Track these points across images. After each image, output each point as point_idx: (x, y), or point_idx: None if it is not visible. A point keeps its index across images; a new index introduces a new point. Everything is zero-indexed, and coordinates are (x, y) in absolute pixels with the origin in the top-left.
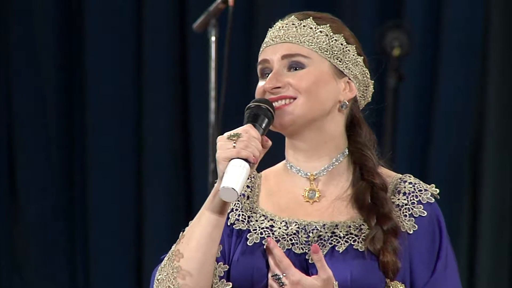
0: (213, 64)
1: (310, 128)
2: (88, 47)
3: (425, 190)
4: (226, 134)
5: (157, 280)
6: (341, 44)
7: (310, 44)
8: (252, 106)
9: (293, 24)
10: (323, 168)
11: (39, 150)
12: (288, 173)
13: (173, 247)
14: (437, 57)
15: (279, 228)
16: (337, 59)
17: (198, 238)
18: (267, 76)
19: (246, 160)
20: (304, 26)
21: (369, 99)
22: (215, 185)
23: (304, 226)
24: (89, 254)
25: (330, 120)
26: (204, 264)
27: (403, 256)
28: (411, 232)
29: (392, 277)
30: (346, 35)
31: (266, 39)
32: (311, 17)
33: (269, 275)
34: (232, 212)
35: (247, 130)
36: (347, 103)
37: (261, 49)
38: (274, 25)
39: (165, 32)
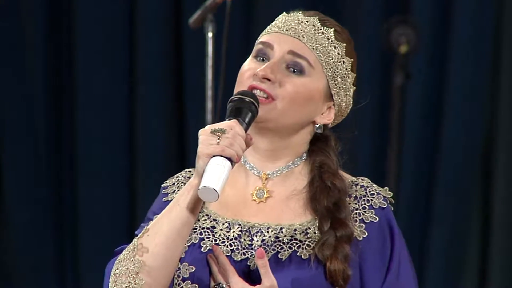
0: (210, 61)
1: (275, 133)
2: (78, 44)
3: (378, 193)
4: (209, 127)
5: (114, 274)
6: (346, 69)
7: (321, 55)
8: (235, 99)
9: (313, 25)
10: (277, 169)
11: (27, 152)
12: (241, 168)
13: (135, 240)
14: (446, 54)
15: (221, 229)
16: (335, 81)
17: (167, 233)
18: (261, 59)
19: (229, 159)
20: (322, 34)
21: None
22: (191, 179)
23: (248, 229)
24: (79, 260)
25: (298, 134)
26: (169, 261)
27: (354, 265)
28: (360, 239)
29: (342, 285)
30: (354, 62)
31: (276, 23)
32: (333, 29)
33: (211, 284)
34: None
35: (232, 126)
36: (322, 126)
37: (268, 29)
38: (291, 14)
39: (160, 28)
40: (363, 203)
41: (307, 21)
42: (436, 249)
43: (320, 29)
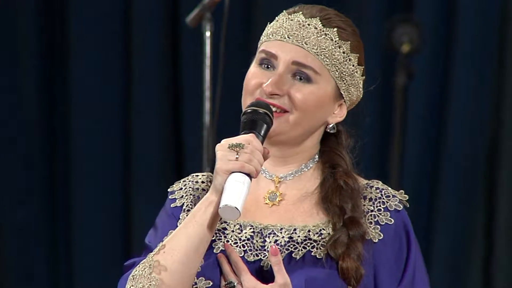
0: (207, 61)
1: (287, 142)
2: (72, 44)
3: (393, 196)
4: (226, 142)
5: None
6: (353, 66)
7: (326, 59)
8: (249, 111)
9: (315, 28)
10: (290, 172)
11: (18, 155)
12: None
13: (150, 256)
14: (449, 54)
15: (232, 231)
16: (343, 81)
17: (185, 250)
18: (266, 67)
19: (247, 174)
20: (325, 35)
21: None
22: (208, 195)
23: (260, 230)
24: (73, 267)
25: (311, 137)
26: (186, 279)
27: (367, 264)
28: (376, 241)
29: (355, 285)
30: (360, 55)
31: (277, 29)
32: (336, 28)
33: (222, 283)
34: (184, 213)
35: (250, 141)
36: (335, 126)
37: (269, 34)
38: (292, 16)
39: (156, 27)
40: (378, 205)
41: (309, 24)
42: (440, 252)
43: (323, 31)
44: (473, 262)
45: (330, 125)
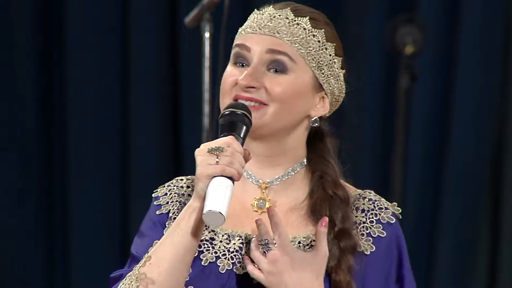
0: (206, 62)
1: (271, 137)
2: (69, 44)
3: (386, 208)
4: (205, 147)
5: None
6: (330, 55)
7: (300, 47)
8: (227, 113)
9: (286, 18)
10: (277, 176)
11: (14, 156)
12: None
13: (137, 269)
14: (453, 55)
15: (220, 241)
16: (321, 71)
17: (171, 260)
18: (241, 65)
19: (230, 178)
20: (297, 24)
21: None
22: (191, 202)
23: (249, 241)
24: (70, 270)
25: (294, 132)
26: None
27: (357, 277)
28: (368, 253)
29: None
30: (337, 45)
31: (249, 23)
32: (308, 17)
33: (254, 242)
34: (170, 221)
35: (229, 143)
36: (318, 119)
37: (240, 32)
38: (263, 10)
39: (154, 27)
40: (370, 216)
41: (280, 15)
42: (444, 259)
43: (295, 20)
44: (478, 269)
45: (313, 119)
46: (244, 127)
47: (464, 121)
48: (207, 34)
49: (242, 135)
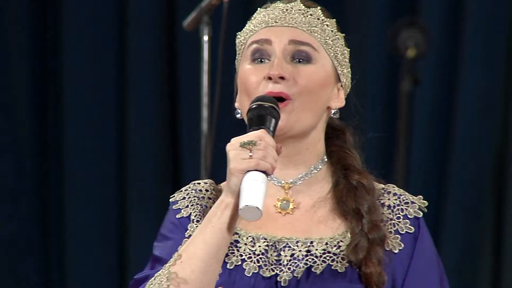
0: (205, 66)
1: (296, 135)
2: (65, 48)
3: (412, 202)
4: (237, 141)
5: None
6: (341, 45)
7: (319, 36)
8: (254, 106)
9: (299, 9)
10: (300, 176)
11: (8, 163)
12: None
13: (167, 268)
14: (457, 58)
15: (245, 244)
16: (337, 60)
17: (203, 258)
18: (260, 61)
19: (263, 172)
20: (311, 15)
21: None
22: (222, 198)
23: (274, 243)
24: (66, 280)
25: (317, 126)
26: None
27: (387, 273)
28: (396, 251)
29: None
30: (344, 36)
31: (261, 19)
32: (319, 7)
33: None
34: (193, 224)
35: (262, 137)
36: (338, 111)
37: (253, 27)
38: (271, 6)
39: (152, 31)
40: (397, 212)
41: (292, 7)
42: (446, 263)
43: (308, 11)
44: (481, 271)
45: (333, 110)
46: (273, 120)
47: (466, 125)
48: (205, 38)
49: (271, 129)
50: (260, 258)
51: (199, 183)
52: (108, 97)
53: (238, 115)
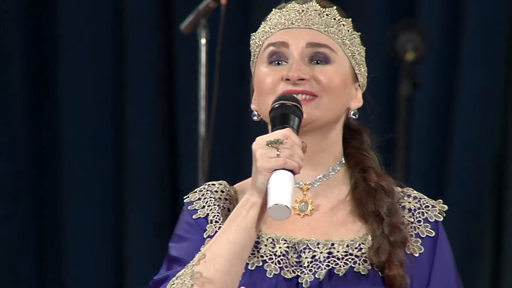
0: (203, 69)
1: (316, 133)
2: (62, 51)
3: (432, 206)
4: (263, 139)
5: None
6: (358, 44)
7: (336, 37)
8: (277, 106)
9: (315, 10)
10: (318, 177)
11: (5, 167)
12: None
13: (190, 267)
14: (456, 62)
15: (265, 245)
16: (355, 60)
17: (228, 257)
18: (277, 63)
19: (290, 171)
20: (327, 15)
21: None
22: (247, 197)
23: (294, 245)
24: (64, 280)
25: (336, 126)
26: None
27: (409, 276)
28: (417, 255)
29: None
30: (359, 35)
31: (277, 20)
32: (334, 7)
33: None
34: (211, 224)
35: (288, 136)
36: (357, 111)
37: (269, 29)
38: (287, 7)
39: (149, 34)
40: (418, 215)
41: (308, 8)
42: None
43: (324, 11)
44: (481, 273)
45: (352, 111)
46: (297, 119)
47: (466, 129)
48: (203, 41)
49: (295, 127)
50: (281, 259)
51: (213, 184)
52: (106, 98)
53: (255, 117)
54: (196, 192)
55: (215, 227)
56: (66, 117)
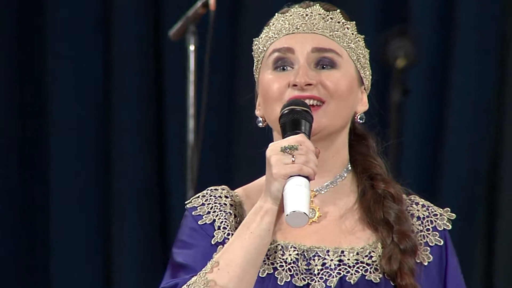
0: (191, 77)
1: (323, 139)
2: (49, 58)
3: (441, 215)
4: (277, 146)
5: None
6: (362, 47)
7: (341, 41)
8: (286, 111)
9: (319, 14)
10: (325, 184)
11: None
12: None
13: (203, 275)
14: (447, 68)
15: (275, 252)
16: (360, 63)
17: (242, 265)
18: (282, 69)
19: (306, 177)
20: (331, 19)
21: None
22: (261, 203)
23: (303, 252)
24: None
25: (343, 132)
26: None
27: (420, 284)
28: (426, 264)
29: None
30: (363, 38)
31: (281, 25)
32: (338, 10)
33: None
34: (219, 231)
35: (302, 142)
36: (364, 116)
37: (273, 34)
38: (292, 11)
39: (137, 41)
40: (427, 224)
41: (312, 12)
42: None
43: (328, 15)
44: (473, 278)
45: (359, 115)
46: (308, 124)
47: (457, 136)
48: (192, 47)
49: (307, 133)
50: (292, 267)
51: (216, 189)
52: (94, 106)
53: (260, 124)
54: (199, 197)
55: (224, 233)
56: (53, 128)
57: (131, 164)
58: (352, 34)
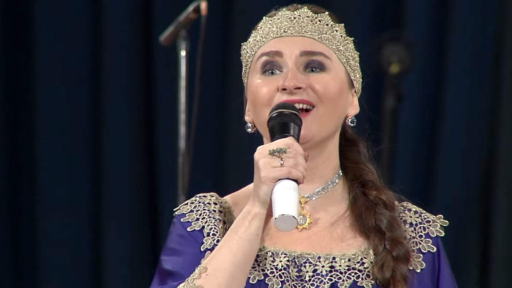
0: (183, 82)
1: (316, 145)
2: (39, 64)
3: (433, 221)
4: (265, 149)
5: None
6: (352, 49)
7: (330, 43)
8: (275, 115)
9: (307, 16)
10: (316, 190)
11: None
12: None
13: (191, 281)
14: (441, 74)
15: (265, 259)
16: (350, 65)
17: (230, 270)
18: (271, 73)
19: (295, 180)
20: (319, 21)
21: None
22: (249, 208)
23: (294, 259)
24: None
25: (334, 136)
26: None
27: None
28: (418, 271)
29: None
30: (352, 40)
31: (269, 29)
32: (326, 12)
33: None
34: (209, 237)
35: (290, 145)
36: (355, 119)
37: (261, 38)
38: (279, 14)
39: (127, 46)
40: (419, 230)
41: (300, 15)
42: None
43: (316, 17)
44: (469, 282)
45: (349, 118)
46: (297, 127)
47: (452, 143)
48: (183, 53)
49: (296, 136)
50: (283, 273)
51: (205, 196)
52: (84, 113)
53: (249, 129)
54: (187, 204)
55: (213, 240)
56: (42, 134)
57: (122, 170)
58: (341, 36)
